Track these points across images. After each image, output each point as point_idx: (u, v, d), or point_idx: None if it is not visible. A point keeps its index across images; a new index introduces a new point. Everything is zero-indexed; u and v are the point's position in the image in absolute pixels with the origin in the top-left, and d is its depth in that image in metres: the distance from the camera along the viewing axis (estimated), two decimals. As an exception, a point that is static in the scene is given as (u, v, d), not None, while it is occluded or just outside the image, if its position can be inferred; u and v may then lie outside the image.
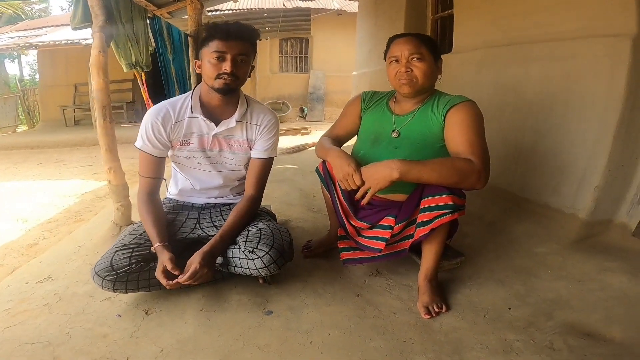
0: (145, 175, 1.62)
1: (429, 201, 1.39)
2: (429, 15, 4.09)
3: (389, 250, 1.55)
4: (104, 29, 2.19)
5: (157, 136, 1.57)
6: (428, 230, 1.38)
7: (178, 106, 1.61)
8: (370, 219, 1.59)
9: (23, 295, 1.64)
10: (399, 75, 1.53)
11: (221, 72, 1.48)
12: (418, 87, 1.53)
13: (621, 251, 1.78)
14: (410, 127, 1.58)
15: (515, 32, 2.41)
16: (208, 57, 1.49)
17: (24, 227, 3.27)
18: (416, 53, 1.50)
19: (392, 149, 1.57)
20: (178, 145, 1.63)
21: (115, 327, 1.40)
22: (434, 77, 1.57)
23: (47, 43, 8.64)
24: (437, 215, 1.37)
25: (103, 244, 2.07)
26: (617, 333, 1.32)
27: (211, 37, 1.49)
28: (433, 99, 1.58)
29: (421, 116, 1.57)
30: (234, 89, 1.54)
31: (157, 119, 1.57)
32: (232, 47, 1.47)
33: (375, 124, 1.68)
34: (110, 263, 1.43)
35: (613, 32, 1.80)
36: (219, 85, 1.50)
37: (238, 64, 1.50)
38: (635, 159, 1.84)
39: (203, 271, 1.39)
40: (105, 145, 2.13)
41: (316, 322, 1.41)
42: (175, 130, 1.60)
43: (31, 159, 6.64)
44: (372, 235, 1.57)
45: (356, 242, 1.63)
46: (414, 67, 1.51)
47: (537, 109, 2.18)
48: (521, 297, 1.54)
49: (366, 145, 1.66)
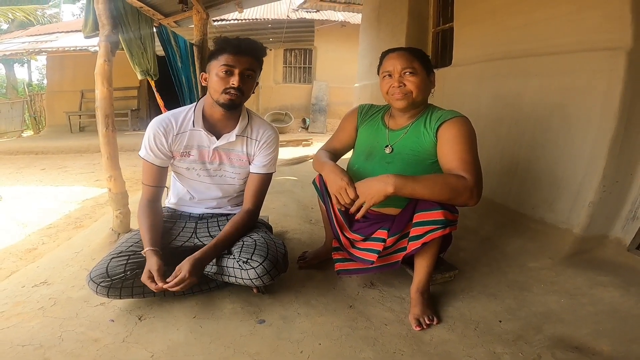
0: (147, 183, 1.65)
1: (421, 216, 1.41)
2: (430, 28, 4.15)
3: (381, 262, 1.56)
4: (110, 39, 2.23)
5: (159, 146, 1.60)
6: (420, 244, 1.40)
7: (181, 118, 1.63)
8: (364, 232, 1.61)
9: (18, 299, 1.66)
10: (392, 90, 1.55)
11: (228, 87, 1.50)
12: (412, 100, 1.54)
13: (615, 266, 1.79)
14: (403, 142, 1.60)
15: (514, 46, 2.43)
16: (216, 69, 1.51)
17: (24, 232, 3.29)
18: (409, 67, 1.52)
19: (384, 164, 1.60)
20: (178, 156, 1.66)
21: (107, 332, 1.41)
22: (427, 91, 1.59)
23: (56, 49, 8.77)
24: (429, 230, 1.38)
25: (100, 251, 2.09)
26: (606, 347, 1.33)
27: (221, 51, 1.52)
28: (426, 114, 1.59)
29: (414, 132, 1.58)
30: (239, 104, 1.57)
31: (159, 130, 1.60)
32: (241, 62, 1.50)
33: (370, 138, 1.70)
34: (106, 270, 1.45)
35: (609, 46, 1.82)
36: (225, 100, 1.52)
37: (245, 79, 1.53)
38: (630, 176, 1.85)
39: (191, 280, 1.40)
40: (107, 153, 2.16)
41: (307, 332, 1.42)
42: (177, 142, 1.63)
43: (35, 164, 6.69)
44: (365, 247, 1.58)
45: (349, 253, 1.65)
46: (406, 81, 1.53)
47: (534, 123, 2.20)
48: (512, 311, 1.54)
49: (360, 159, 1.68)
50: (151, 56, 3.46)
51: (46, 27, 13.15)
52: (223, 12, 6.05)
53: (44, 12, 16.98)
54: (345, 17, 9.97)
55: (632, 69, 1.74)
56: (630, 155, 1.82)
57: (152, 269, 1.41)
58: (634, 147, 1.81)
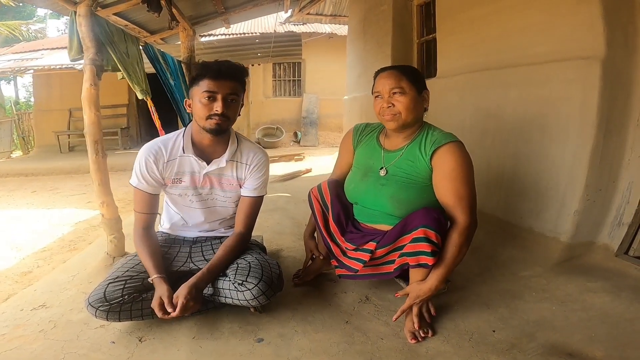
0: (140, 211, 1.66)
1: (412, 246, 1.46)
2: (414, 40, 4.23)
3: (371, 270, 1.62)
4: (95, 62, 2.20)
5: (150, 174, 1.62)
6: (413, 262, 1.46)
7: (170, 145, 1.65)
8: (356, 242, 1.65)
9: (18, 322, 1.68)
10: (382, 111, 1.59)
11: (212, 113, 1.52)
12: (402, 121, 1.57)
13: (604, 272, 1.84)
14: (398, 164, 1.63)
15: (493, 56, 2.49)
16: (199, 96, 1.53)
17: (18, 255, 3.29)
18: (396, 87, 1.55)
19: (379, 185, 1.64)
20: (170, 182, 1.68)
21: (109, 354, 1.43)
22: (418, 110, 1.60)
23: (42, 67, 8.73)
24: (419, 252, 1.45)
25: (96, 274, 2.10)
26: (599, 352, 1.36)
27: (201, 76, 1.53)
28: (421, 135, 1.62)
29: (409, 155, 1.61)
30: (226, 129, 1.60)
31: (150, 157, 1.62)
32: (223, 87, 1.52)
33: (366, 159, 1.74)
34: (104, 294, 1.46)
35: (582, 55, 1.87)
36: (211, 126, 1.54)
37: (229, 104, 1.55)
38: (612, 183, 1.91)
39: (189, 304, 1.43)
40: (98, 180, 2.17)
41: (305, 348, 1.44)
42: (168, 169, 1.65)
43: (25, 187, 6.66)
44: (354, 256, 1.63)
45: (339, 260, 1.69)
46: (395, 101, 1.55)
47: (517, 134, 2.26)
48: (505, 320, 1.58)
49: (356, 179, 1.74)
50: (142, 75, 3.48)
51: (31, 44, 13.09)
52: (210, 28, 6.10)
53: (28, 28, 16.95)
54: (332, 29, 10.10)
55: (607, 77, 1.79)
56: (611, 163, 1.88)
57: (162, 296, 1.43)
58: (614, 154, 1.87)
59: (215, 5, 4.86)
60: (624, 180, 1.89)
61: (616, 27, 1.80)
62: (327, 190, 1.81)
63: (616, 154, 1.88)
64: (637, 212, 1.84)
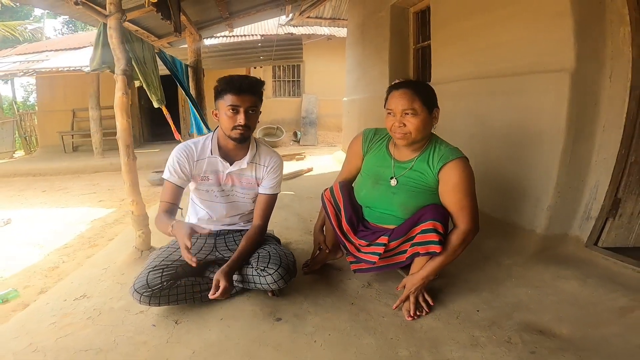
0: (166, 200, 1.89)
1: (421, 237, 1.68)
2: (410, 46, 4.42)
3: (386, 262, 1.83)
4: (126, 72, 2.42)
5: (182, 169, 1.88)
6: (422, 251, 1.69)
7: (200, 146, 1.92)
8: (368, 238, 1.88)
9: (65, 311, 1.88)
10: (394, 129, 1.69)
11: (236, 124, 1.78)
12: (411, 140, 1.69)
13: (575, 261, 2.08)
14: (408, 176, 1.78)
15: (482, 66, 2.69)
16: (224, 109, 1.79)
17: (41, 252, 3.51)
18: (409, 109, 1.63)
19: (390, 194, 1.81)
20: (199, 179, 1.94)
21: (152, 335, 1.65)
22: (427, 129, 1.70)
23: (50, 69, 8.87)
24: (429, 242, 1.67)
25: (127, 267, 2.34)
26: (566, 330, 1.58)
27: (225, 91, 1.78)
28: (430, 150, 1.75)
29: (418, 167, 1.75)
30: (248, 137, 1.86)
31: (183, 155, 1.88)
32: (244, 101, 1.77)
33: (376, 167, 1.88)
34: (146, 281, 1.71)
35: (556, 68, 2.07)
36: (235, 135, 1.81)
37: (250, 116, 1.80)
38: (581, 182, 2.15)
39: (229, 286, 1.70)
40: (129, 180, 2.41)
41: (318, 325, 1.69)
42: (197, 167, 1.91)
43: (34, 187, 6.85)
44: (369, 251, 1.85)
45: (355, 256, 1.91)
46: (407, 122, 1.65)
47: (501, 138, 2.50)
48: (488, 302, 1.83)
49: (367, 186, 1.90)
50: (158, 83, 3.68)
51: (34, 45, 13.20)
52: (214, 32, 6.33)
53: (25, 28, 17.01)
54: (331, 32, 10.30)
55: (576, 88, 2.00)
56: (580, 164, 2.12)
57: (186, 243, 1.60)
58: (582, 156, 2.11)
59: (220, 10, 5.06)
60: (592, 179, 2.13)
61: (586, 43, 1.99)
62: (339, 193, 1.98)
63: (584, 156, 2.10)
64: (603, 207, 2.09)
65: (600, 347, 1.46)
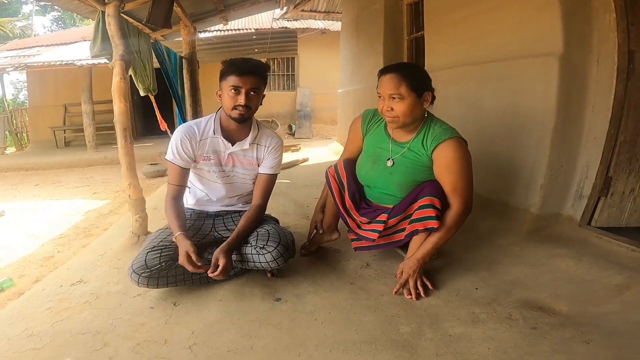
0: (172, 182, 1.91)
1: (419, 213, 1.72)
2: (404, 36, 4.47)
3: (385, 240, 1.86)
4: (124, 57, 2.43)
5: (185, 150, 1.87)
6: (421, 227, 1.71)
7: (202, 127, 1.92)
8: (369, 216, 1.91)
9: (61, 296, 1.86)
10: (384, 112, 1.74)
11: (237, 104, 1.78)
12: (400, 124, 1.72)
13: (569, 240, 2.10)
14: (404, 157, 1.81)
15: (473, 53, 2.77)
16: (226, 90, 1.79)
17: (36, 243, 3.49)
18: (395, 93, 1.65)
19: (387, 174, 1.86)
20: (201, 160, 1.93)
21: (150, 317, 1.64)
22: (416, 112, 1.71)
23: (42, 64, 8.78)
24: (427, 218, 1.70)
25: (124, 252, 2.33)
26: (564, 307, 1.59)
27: (228, 72, 1.78)
28: (425, 130, 1.77)
29: (414, 148, 1.78)
30: (248, 118, 1.86)
31: (186, 136, 1.87)
32: (245, 82, 1.77)
33: (375, 147, 1.92)
34: (145, 262, 1.70)
35: (544, 52, 2.14)
36: (235, 115, 1.81)
37: (251, 97, 1.80)
38: (573, 161, 2.19)
39: (229, 265, 1.70)
40: (126, 163, 2.40)
41: (318, 304, 1.70)
42: (200, 147, 1.91)
43: (27, 181, 6.80)
44: (369, 228, 1.88)
45: (356, 233, 1.95)
46: (394, 106, 1.68)
47: (492, 121, 2.54)
48: (486, 280, 1.85)
49: (367, 166, 1.95)
50: (150, 72, 3.67)
51: (24, 40, 13.10)
52: (208, 24, 6.30)
53: (14, 25, 16.86)
54: (325, 25, 10.27)
55: (564, 71, 2.07)
56: (570, 144, 2.17)
57: (188, 251, 1.66)
58: (572, 137, 2.16)
59: (215, 3, 5.04)
60: (583, 158, 2.18)
61: (573, 29, 2.07)
62: (343, 170, 2.02)
63: (575, 136, 2.16)
64: (595, 186, 2.12)
65: (600, 323, 1.47)
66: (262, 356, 1.40)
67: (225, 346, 1.45)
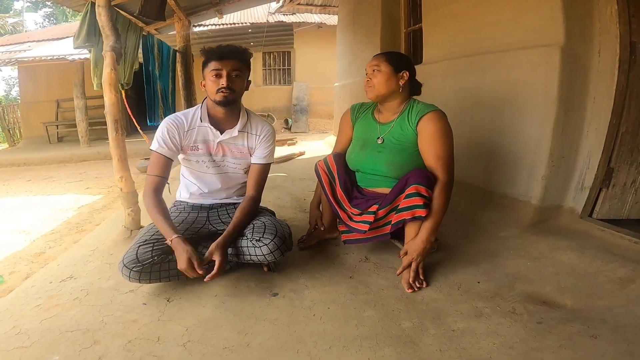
0: (154, 174, 1.82)
1: (406, 202, 1.70)
2: (402, 29, 4.42)
3: (374, 233, 1.85)
4: (115, 49, 2.37)
5: (171, 139, 1.82)
6: (408, 216, 1.69)
7: (190, 116, 1.87)
8: (361, 206, 1.89)
9: (50, 293, 1.80)
10: (365, 86, 1.91)
11: (219, 87, 1.74)
12: (375, 92, 1.88)
13: (570, 232, 2.07)
14: (391, 134, 1.90)
15: (471, 45, 2.74)
16: (208, 76, 1.76)
17: (27, 239, 3.41)
18: (375, 66, 1.86)
19: (376, 152, 1.91)
20: (189, 150, 1.88)
21: (142, 314, 1.59)
22: (390, 84, 1.86)
23: (34, 59, 8.69)
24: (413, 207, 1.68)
25: (116, 247, 2.27)
26: (568, 301, 1.56)
27: (209, 59, 1.77)
28: (408, 108, 1.89)
29: (399, 125, 1.89)
30: (232, 101, 1.80)
31: (173, 125, 1.82)
32: (226, 65, 1.74)
33: (364, 132, 2.01)
34: (136, 255, 1.64)
35: (545, 43, 2.13)
36: (220, 98, 1.76)
37: (233, 79, 1.76)
38: (574, 152, 2.16)
39: (224, 261, 1.65)
40: (117, 155, 2.34)
41: (316, 299, 1.65)
42: (187, 137, 1.85)
43: (19, 177, 6.70)
44: (360, 220, 1.86)
45: (347, 225, 1.93)
46: (373, 77, 1.87)
47: (491, 112, 2.51)
48: (488, 274, 1.81)
49: (356, 150, 2.01)
50: (128, 66, 3.58)
51: (15, 36, 13.00)
52: (203, 18, 6.20)
53: (5, 21, 16.67)
54: (322, 19, 10.20)
55: (565, 61, 2.05)
56: (572, 134, 2.14)
57: (191, 258, 1.59)
58: (574, 127, 2.13)
59: (211, -5, 4.96)
60: (584, 149, 2.15)
61: (574, 20, 2.05)
62: (332, 162, 2.05)
63: (576, 126, 2.14)
64: (596, 177, 2.09)
65: (606, 318, 1.44)
66: (259, 353, 1.35)
67: (221, 343, 1.40)
